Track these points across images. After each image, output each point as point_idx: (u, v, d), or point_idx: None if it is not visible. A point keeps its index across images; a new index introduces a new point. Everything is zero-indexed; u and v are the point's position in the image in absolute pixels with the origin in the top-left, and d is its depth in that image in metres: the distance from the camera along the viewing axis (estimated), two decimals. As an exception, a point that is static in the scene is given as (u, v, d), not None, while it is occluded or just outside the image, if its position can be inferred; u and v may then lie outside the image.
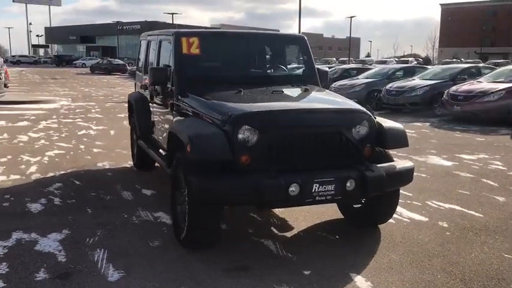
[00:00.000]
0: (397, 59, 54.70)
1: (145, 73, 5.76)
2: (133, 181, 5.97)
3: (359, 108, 3.99)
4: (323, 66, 7.40)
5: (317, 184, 3.50)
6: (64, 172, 6.38)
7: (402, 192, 5.36)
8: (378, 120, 4.03)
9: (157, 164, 5.66)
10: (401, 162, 4.11)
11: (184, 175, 3.67)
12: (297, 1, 37.12)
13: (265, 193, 3.37)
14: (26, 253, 3.76)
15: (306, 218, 4.62)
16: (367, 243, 4.06)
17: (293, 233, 4.32)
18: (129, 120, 6.85)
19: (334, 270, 3.52)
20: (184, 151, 3.59)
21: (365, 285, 3.32)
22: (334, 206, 4.69)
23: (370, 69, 19.18)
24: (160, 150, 5.29)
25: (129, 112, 6.81)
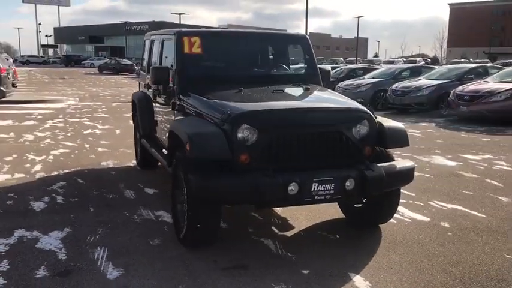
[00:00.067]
0: (404, 59, 54.38)
1: (149, 72, 5.77)
2: (136, 180, 6.00)
3: (359, 107, 3.97)
4: (325, 66, 7.37)
5: (316, 183, 3.49)
6: (68, 171, 6.43)
7: (405, 192, 5.35)
8: (378, 119, 4.01)
9: (161, 163, 5.68)
10: (401, 161, 4.08)
11: (183, 174, 3.69)
12: (304, 1, 37.03)
13: (263, 192, 3.37)
14: (27, 251, 3.79)
15: (306, 218, 4.62)
16: (368, 243, 4.05)
17: (293, 232, 4.32)
18: (133, 119, 6.89)
19: (333, 270, 3.51)
20: (184, 150, 3.60)
21: (363, 284, 3.31)
22: (335, 206, 4.68)
23: (376, 69, 19.12)
24: (162, 150, 5.32)
25: (132, 111, 6.86)
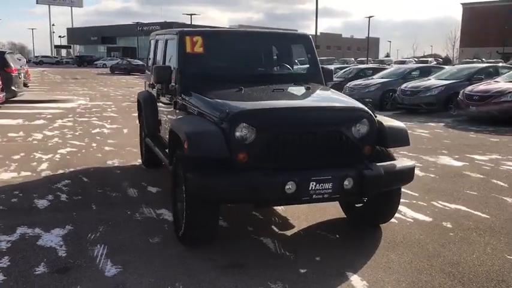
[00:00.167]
0: (416, 59, 53.96)
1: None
2: (140, 179, 6.04)
3: (359, 106, 3.95)
4: (328, 65, 7.35)
5: (314, 182, 3.48)
6: (74, 169, 6.49)
7: (408, 192, 5.32)
8: (378, 118, 3.99)
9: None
10: (401, 161, 4.05)
11: (182, 172, 3.70)
12: (315, 1, 36.97)
13: (261, 191, 3.37)
14: (29, 247, 3.83)
15: (307, 217, 4.61)
16: (367, 243, 4.03)
17: (293, 231, 4.31)
18: (139, 118, 6.94)
19: (330, 269, 3.50)
20: (183, 148, 3.62)
21: (360, 284, 3.30)
22: (336, 205, 4.67)
23: (385, 69, 19.00)
24: (166, 149, 5.34)
25: (138, 110, 6.91)
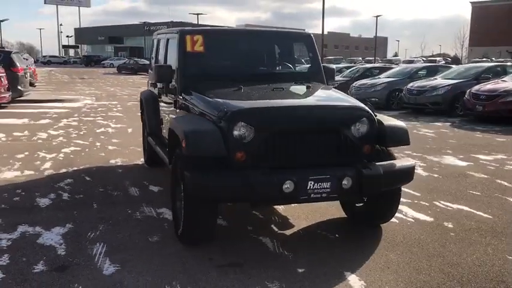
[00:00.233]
0: (424, 59, 53.59)
1: (155, 71, 5.81)
2: (142, 178, 6.05)
3: (359, 105, 3.92)
4: (329, 64, 7.32)
5: (312, 181, 3.46)
6: (77, 168, 6.52)
7: (410, 191, 5.29)
8: (378, 117, 3.96)
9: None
10: (401, 160, 4.02)
11: (180, 171, 3.70)
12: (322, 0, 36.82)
13: (258, 190, 3.36)
14: (28, 246, 3.85)
15: (307, 217, 4.59)
16: (367, 243, 4.00)
17: (293, 231, 4.30)
18: (141, 117, 6.95)
19: (328, 269, 3.48)
20: (182, 147, 3.62)
21: (358, 284, 3.28)
22: (337, 205, 4.65)
23: (392, 68, 18.90)
24: (167, 148, 5.34)
25: (141, 109, 6.92)
